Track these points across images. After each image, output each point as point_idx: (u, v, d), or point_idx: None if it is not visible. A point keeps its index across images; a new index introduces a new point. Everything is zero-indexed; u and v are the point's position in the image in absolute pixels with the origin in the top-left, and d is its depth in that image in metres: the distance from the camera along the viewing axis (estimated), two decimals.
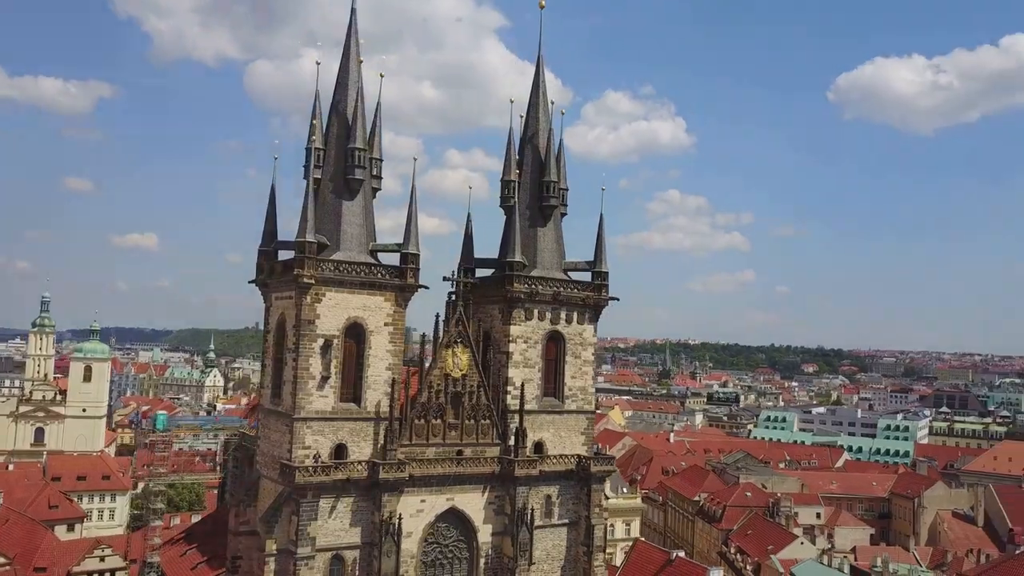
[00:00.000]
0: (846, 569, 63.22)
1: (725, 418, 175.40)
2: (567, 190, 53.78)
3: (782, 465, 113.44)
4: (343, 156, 46.89)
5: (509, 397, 49.04)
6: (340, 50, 48.88)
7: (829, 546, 72.90)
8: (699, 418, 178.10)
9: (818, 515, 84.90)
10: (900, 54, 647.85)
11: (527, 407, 49.28)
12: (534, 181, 52.58)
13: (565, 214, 54.03)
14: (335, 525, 43.54)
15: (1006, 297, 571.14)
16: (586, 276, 53.15)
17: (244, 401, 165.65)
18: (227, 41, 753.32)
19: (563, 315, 51.24)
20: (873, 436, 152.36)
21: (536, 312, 50.25)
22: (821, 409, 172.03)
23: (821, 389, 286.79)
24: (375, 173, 48.07)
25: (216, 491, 72.96)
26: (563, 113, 53.76)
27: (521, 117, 54.16)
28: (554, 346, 51.17)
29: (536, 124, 53.56)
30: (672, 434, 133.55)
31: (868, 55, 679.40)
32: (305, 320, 43.62)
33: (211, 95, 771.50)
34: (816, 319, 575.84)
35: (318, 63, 47.60)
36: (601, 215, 53.30)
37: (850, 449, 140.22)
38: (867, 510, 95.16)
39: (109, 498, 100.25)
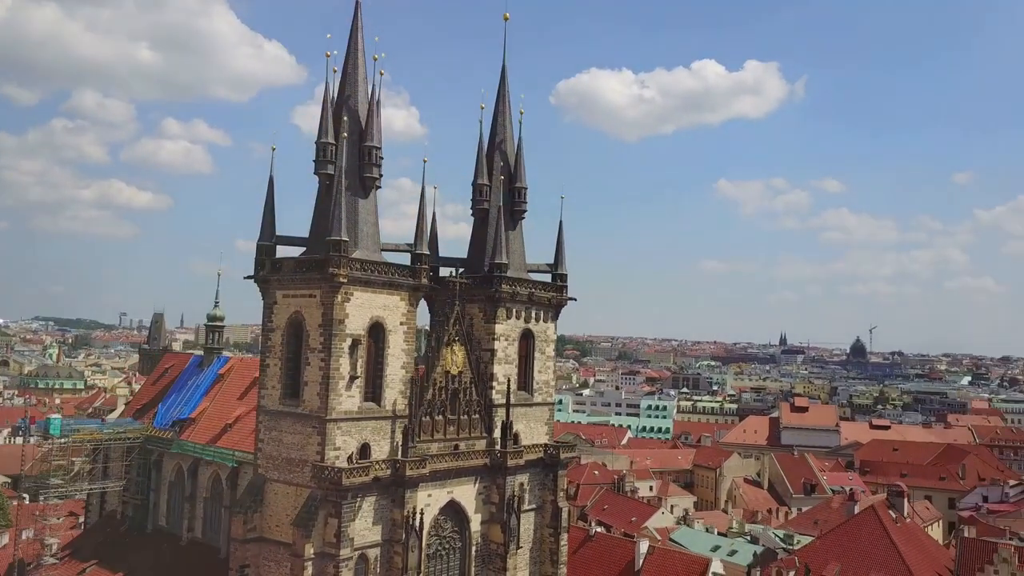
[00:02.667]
0: (715, 532, 73.69)
1: None
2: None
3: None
4: (356, 153, 46.43)
5: (493, 392, 51.68)
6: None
7: (684, 513, 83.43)
8: None
9: (651, 488, 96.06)
10: (612, 67, 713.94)
11: (501, 400, 52.19)
12: (504, 186, 55.23)
13: (524, 218, 57.22)
14: (360, 525, 43.53)
15: (692, 290, 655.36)
16: (545, 277, 56.99)
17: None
18: None
19: (533, 314, 54.75)
20: (637, 415, 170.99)
21: (514, 311, 53.26)
22: (589, 391, 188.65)
23: (558, 372, 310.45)
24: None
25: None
26: (522, 113, 56.94)
27: (480, 122, 56.34)
28: (525, 343, 54.52)
29: (504, 131, 56.19)
30: None
31: (585, 65, 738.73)
32: (336, 320, 43.07)
33: None
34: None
35: (328, 55, 46.69)
36: (560, 222, 57.54)
37: (619, 427, 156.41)
38: (674, 481, 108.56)
39: None
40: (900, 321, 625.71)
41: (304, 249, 47.11)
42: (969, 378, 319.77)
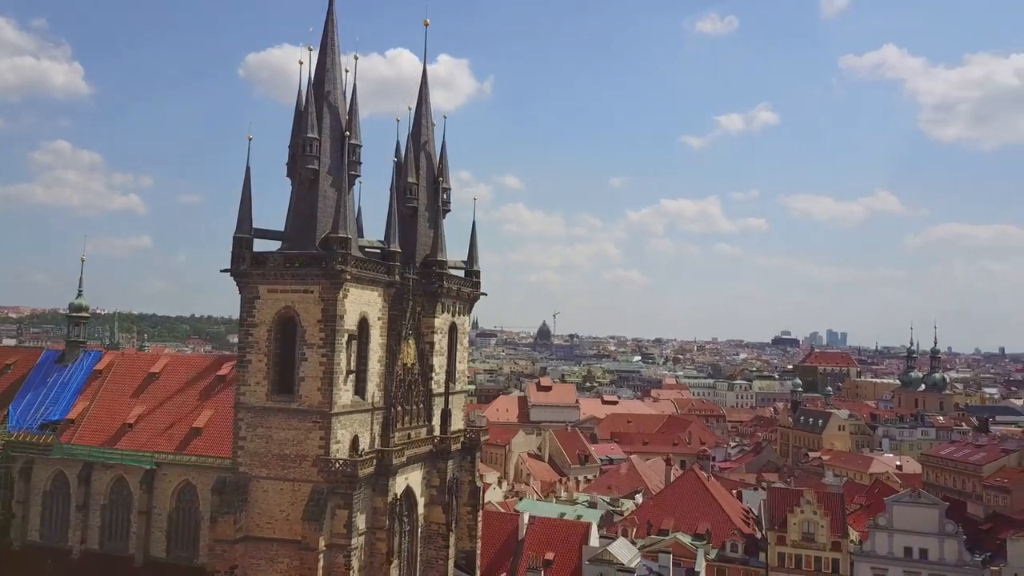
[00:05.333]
0: (554, 502, 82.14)
1: None
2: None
3: None
4: (339, 150, 46.78)
5: (432, 383, 54.67)
6: None
7: (510, 488, 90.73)
8: None
9: None
10: (304, 45, 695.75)
11: (439, 390, 55.59)
12: (430, 185, 57.97)
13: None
14: None
15: None
16: (459, 272, 60.67)
17: None
18: None
19: (457, 308, 58.40)
20: None
21: (446, 306, 56.57)
22: None
23: None
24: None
25: None
26: (445, 118, 59.96)
27: (398, 121, 58.40)
28: (451, 336, 57.99)
29: (429, 132, 58.78)
30: None
31: (276, 40, 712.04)
32: (338, 315, 43.72)
33: None
34: (219, 289, 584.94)
35: (310, 49, 46.47)
36: (474, 222, 61.55)
37: None
38: None
39: None
40: (571, 307, 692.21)
41: (281, 243, 46.51)
42: (639, 357, 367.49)
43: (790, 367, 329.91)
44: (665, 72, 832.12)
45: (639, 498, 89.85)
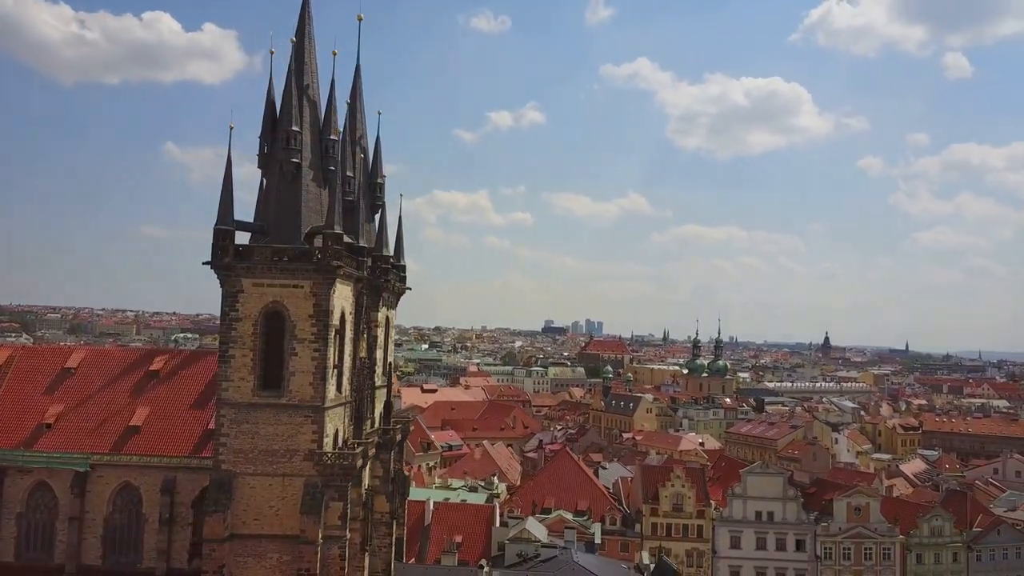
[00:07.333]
0: (433, 488, 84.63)
1: None
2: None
3: None
4: (319, 145, 46.69)
5: (375, 375, 55.72)
6: None
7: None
8: None
9: None
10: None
11: (380, 382, 56.78)
12: (366, 180, 58.56)
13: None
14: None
15: (134, 256, 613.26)
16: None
17: None
18: None
19: (390, 302, 59.63)
20: None
21: (385, 300, 57.73)
22: None
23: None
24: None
25: None
26: (379, 114, 60.65)
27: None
28: (384, 329, 59.13)
29: (364, 127, 59.20)
30: None
31: None
32: (329, 310, 44.06)
33: None
34: None
35: (293, 41, 45.89)
36: (400, 216, 62.77)
37: None
38: None
39: None
40: None
41: (255, 236, 45.68)
42: (426, 346, 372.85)
43: (565, 354, 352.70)
44: (440, 64, 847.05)
45: (496, 480, 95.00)
